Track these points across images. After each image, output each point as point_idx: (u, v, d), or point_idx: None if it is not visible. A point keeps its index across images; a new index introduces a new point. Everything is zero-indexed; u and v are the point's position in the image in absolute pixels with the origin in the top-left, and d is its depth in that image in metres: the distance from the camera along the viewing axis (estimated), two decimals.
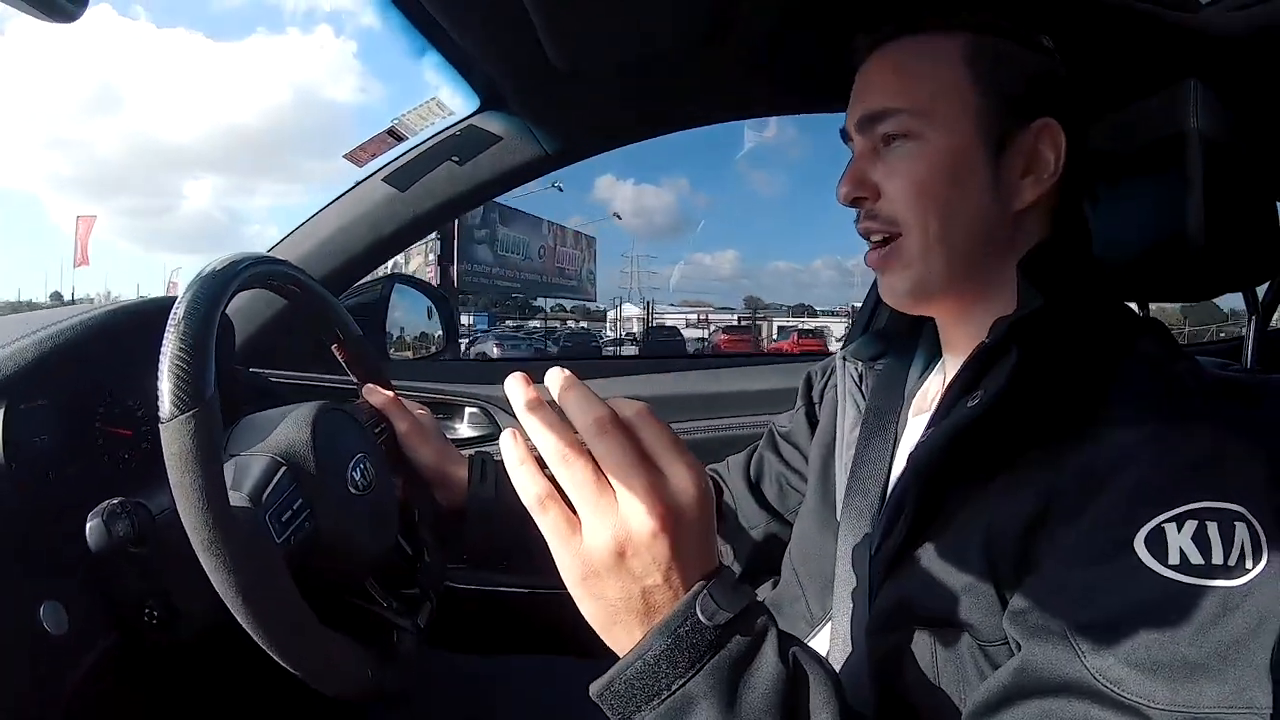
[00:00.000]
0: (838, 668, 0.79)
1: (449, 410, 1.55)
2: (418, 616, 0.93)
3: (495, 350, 22.43)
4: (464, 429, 1.54)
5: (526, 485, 0.57)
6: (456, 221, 23.69)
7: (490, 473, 1.07)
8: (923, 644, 0.71)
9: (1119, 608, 0.58)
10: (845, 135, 0.87)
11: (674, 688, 0.54)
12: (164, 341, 0.68)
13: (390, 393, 1.07)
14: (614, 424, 0.56)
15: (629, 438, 0.56)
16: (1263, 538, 0.58)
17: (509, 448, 0.58)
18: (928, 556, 0.71)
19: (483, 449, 1.43)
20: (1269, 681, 0.54)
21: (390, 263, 1.56)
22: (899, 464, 0.86)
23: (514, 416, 1.30)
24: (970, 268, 0.80)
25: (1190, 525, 0.57)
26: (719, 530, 1.14)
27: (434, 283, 23.41)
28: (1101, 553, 0.60)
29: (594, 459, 0.56)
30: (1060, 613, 0.59)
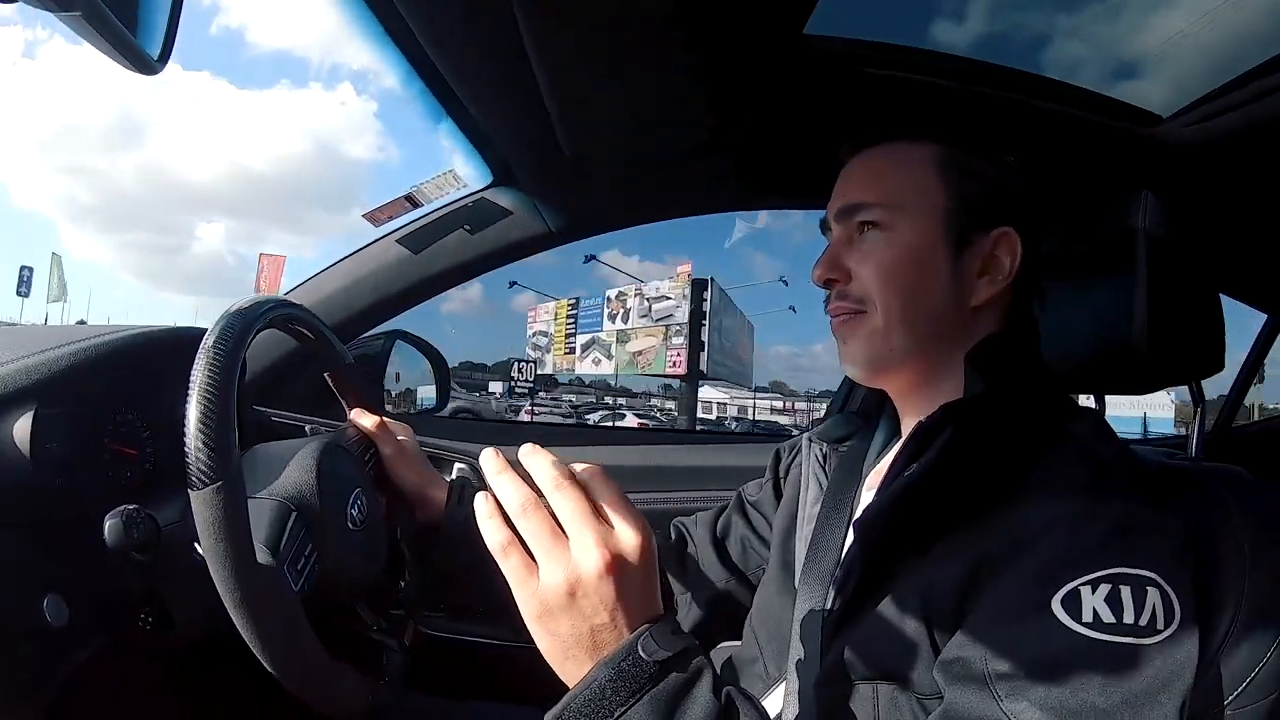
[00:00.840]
0: None
1: (438, 464, 1.57)
2: (403, 636, 0.99)
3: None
4: None
5: (492, 535, 0.65)
6: (708, 309, 23.42)
7: (468, 495, 1.11)
8: (866, 697, 0.77)
9: (1035, 659, 0.64)
10: (824, 226, 0.96)
11: (616, 714, 0.61)
12: (188, 411, 0.73)
13: (377, 417, 1.13)
14: (569, 481, 0.65)
15: (582, 494, 0.65)
16: (1175, 603, 0.65)
17: (480, 505, 0.67)
18: (872, 616, 0.77)
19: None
20: None
21: (619, 337, 1.61)
22: (853, 532, 0.91)
23: None
24: (925, 350, 0.88)
25: (1104, 588, 0.64)
26: (680, 577, 1.20)
27: (681, 369, 23.35)
28: (1022, 610, 0.66)
29: (552, 513, 0.64)
30: (982, 662, 0.66)
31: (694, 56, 1.03)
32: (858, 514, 0.94)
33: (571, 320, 26.59)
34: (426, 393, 1.77)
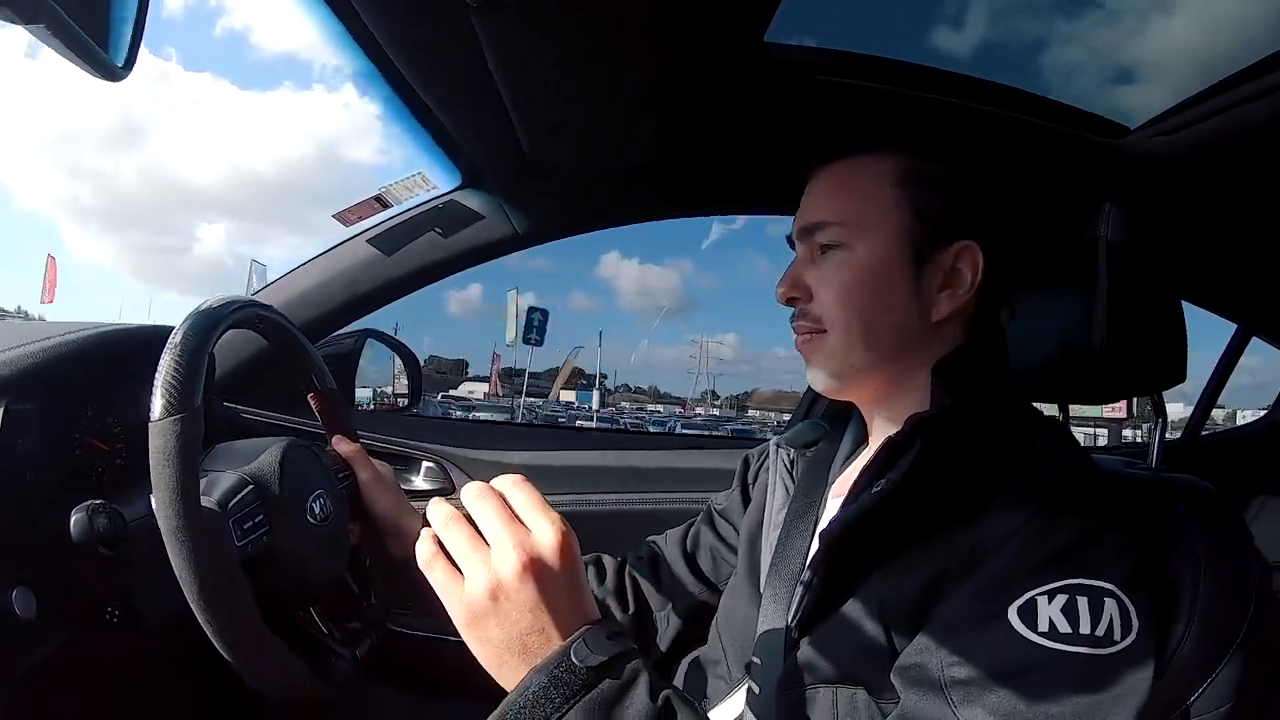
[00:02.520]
0: None
1: (407, 463, 1.60)
2: (357, 648, 0.99)
3: None
4: (420, 482, 1.59)
5: (420, 552, 0.69)
6: None
7: None
8: (826, 699, 0.78)
9: (990, 667, 0.66)
10: (790, 241, 0.96)
11: None
12: (162, 356, 0.76)
13: (356, 444, 1.13)
14: (488, 491, 0.69)
15: (501, 501, 0.69)
16: (1133, 615, 0.66)
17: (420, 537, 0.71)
18: (834, 622, 0.79)
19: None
20: None
21: None
22: (818, 542, 0.91)
23: (467, 474, 1.37)
24: (888, 366, 0.89)
25: (1061, 598, 0.65)
26: (657, 592, 1.20)
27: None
28: (977, 619, 0.68)
29: (475, 524, 0.68)
30: (938, 669, 0.68)
31: (654, 63, 1.03)
32: (823, 521, 0.95)
33: None
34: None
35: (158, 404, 0.74)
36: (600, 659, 0.65)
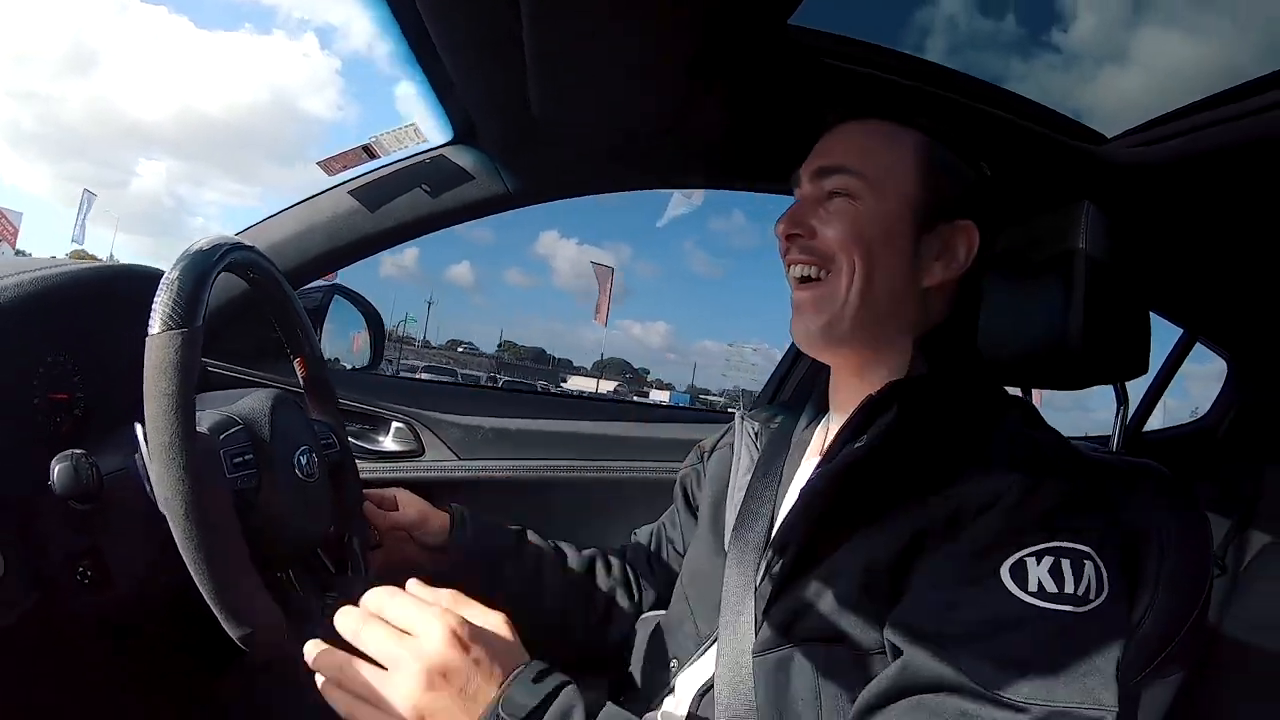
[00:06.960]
0: (725, 684, 0.87)
1: (374, 423, 1.55)
2: (333, 620, 0.95)
3: None
4: (389, 443, 1.55)
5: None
6: None
7: (469, 519, 1.19)
8: (806, 658, 0.82)
9: (987, 621, 0.71)
10: (795, 182, 0.98)
11: None
12: (162, 280, 0.71)
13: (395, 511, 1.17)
14: (367, 617, 0.70)
15: (380, 623, 0.70)
16: (1105, 576, 0.73)
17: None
18: (813, 581, 0.83)
19: (407, 462, 1.48)
20: (1115, 687, 0.68)
21: None
22: (786, 501, 0.97)
23: (437, 435, 1.36)
24: (875, 325, 0.92)
25: (1048, 560, 0.71)
26: (650, 580, 1.26)
27: None
28: (970, 577, 0.73)
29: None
30: (933, 624, 0.72)
31: (681, 31, 1.01)
32: (793, 481, 1.01)
33: None
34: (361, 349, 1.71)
35: (157, 318, 0.69)
36: (530, 705, 0.66)
